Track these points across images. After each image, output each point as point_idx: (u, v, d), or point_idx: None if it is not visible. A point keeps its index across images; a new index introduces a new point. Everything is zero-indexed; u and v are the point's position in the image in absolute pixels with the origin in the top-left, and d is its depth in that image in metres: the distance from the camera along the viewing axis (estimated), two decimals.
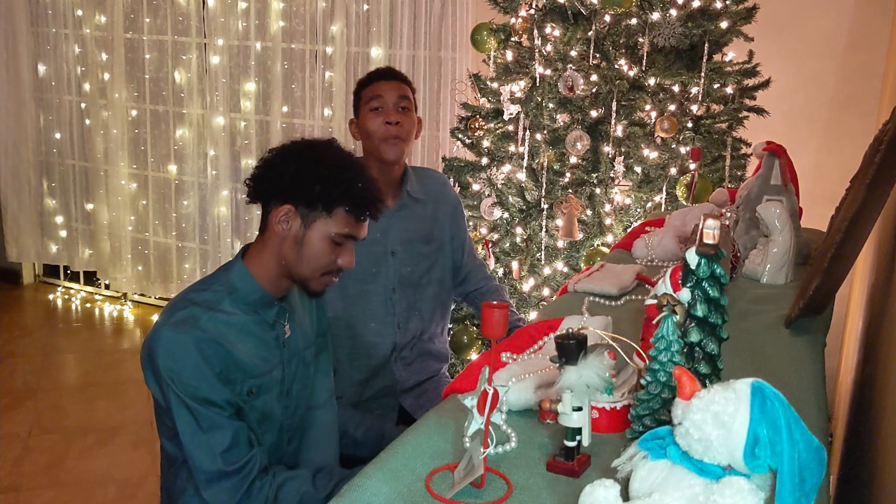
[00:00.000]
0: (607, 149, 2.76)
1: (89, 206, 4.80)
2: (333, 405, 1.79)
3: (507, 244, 2.98)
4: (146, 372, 1.49)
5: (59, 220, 4.88)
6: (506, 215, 2.95)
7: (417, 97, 2.15)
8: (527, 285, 2.92)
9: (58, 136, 4.78)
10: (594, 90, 2.78)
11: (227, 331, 1.49)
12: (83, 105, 4.70)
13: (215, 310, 1.49)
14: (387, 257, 2.08)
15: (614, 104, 2.71)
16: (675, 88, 2.76)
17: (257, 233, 1.59)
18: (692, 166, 2.47)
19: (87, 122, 4.69)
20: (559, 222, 2.80)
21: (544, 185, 2.83)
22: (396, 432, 2.04)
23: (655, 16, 2.66)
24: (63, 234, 4.89)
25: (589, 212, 2.81)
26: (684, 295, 1.04)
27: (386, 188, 2.09)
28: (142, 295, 4.80)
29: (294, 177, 1.50)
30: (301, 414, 1.68)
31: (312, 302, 1.73)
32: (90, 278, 4.94)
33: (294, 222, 1.51)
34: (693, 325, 1.03)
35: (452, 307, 2.35)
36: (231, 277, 1.54)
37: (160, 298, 4.75)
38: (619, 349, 1.09)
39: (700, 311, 1.02)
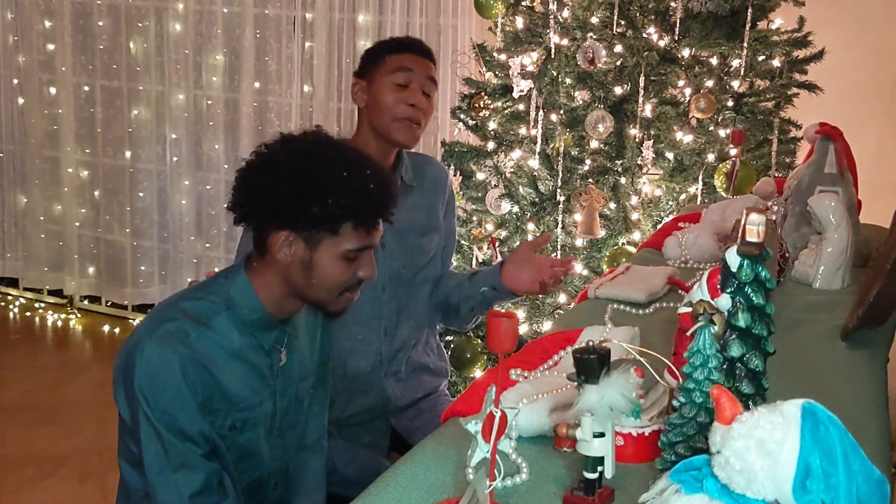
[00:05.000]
0: (634, 131, 2.76)
1: (23, 199, 4.79)
2: (324, 447, 1.79)
3: (517, 242, 2.98)
4: (117, 386, 1.48)
5: None
6: (515, 209, 2.95)
7: None
8: None
9: None
10: (618, 63, 2.78)
11: (218, 353, 1.49)
12: (16, 81, 4.68)
13: (207, 326, 1.49)
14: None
15: (642, 79, 2.71)
16: (713, 61, 2.76)
17: (253, 249, 1.56)
18: (733, 152, 2.47)
19: (21, 100, 4.68)
20: (578, 217, 2.80)
21: (560, 173, 2.84)
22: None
23: None
24: None
25: (612, 205, 2.81)
26: (724, 302, 1.04)
27: None
28: (91, 301, 4.80)
29: (286, 199, 1.47)
30: (290, 455, 1.69)
31: (318, 322, 1.73)
32: (32, 282, 4.94)
33: (297, 247, 1.49)
34: (734, 337, 1.03)
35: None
36: (231, 290, 1.53)
37: (112, 305, 4.75)
38: (647, 365, 1.09)
39: (742, 320, 1.03)
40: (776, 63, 2.77)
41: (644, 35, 2.74)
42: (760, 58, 2.76)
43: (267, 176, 1.50)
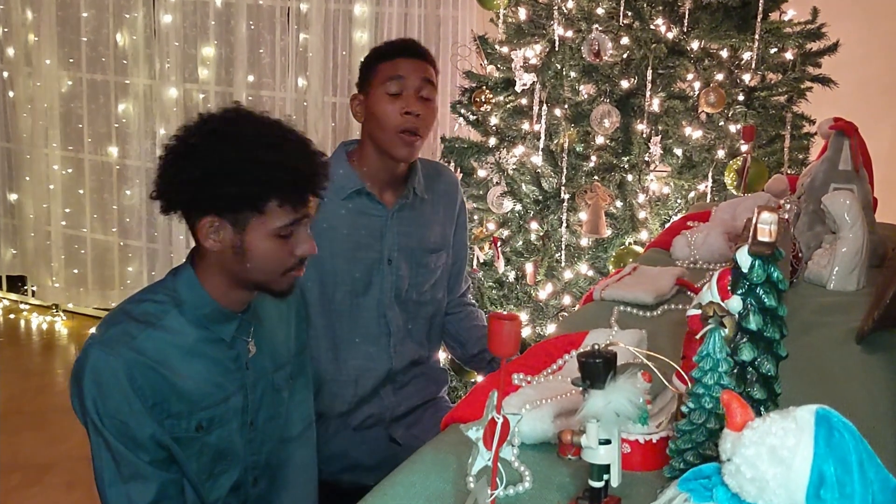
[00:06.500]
0: (641, 127, 2.76)
1: (13, 197, 4.80)
2: (311, 438, 1.79)
3: (520, 242, 2.98)
4: (72, 397, 1.50)
5: None
6: (518, 207, 2.95)
7: None
8: (544, 292, 2.92)
9: None
10: (625, 56, 2.78)
11: (171, 353, 1.49)
12: (6, 74, 4.69)
13: (156, 326, 1.49)
14: (381, 266, 2.08)
15: (649, 73, 2.71)
16: (724, 54, 2.76)
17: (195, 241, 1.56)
18: (744, 148, 2.47)
19: (11, 94, 4.69)
20: (583, 216, 2.80)
21: (565, 170, 2.84)
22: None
23: None
24: None
25: (619, 203, 2.81)
26: (734, 304, 1.04)
27: (386, 183, 2.08)
28: (77, 304, 4.80)
29: (204, 182, 1.47)
30: (270, 448, 1.69)
31: (292, 311, 1.73)
32: (14, 284, 4.94)
33: (224, 231, 1.49)
34: (745, 340, 1.03)
35: None
36: (178, 286, 1.54)
37: (99, 308, 4.75)
38: (655, 369, 1.09)
39: (753, 323, 1.02)
40: (789, 56, 2.77)
41: (652, 27, 2.74)
42: (772, 50, 2.76)
43: (184, 160, 1.50)
